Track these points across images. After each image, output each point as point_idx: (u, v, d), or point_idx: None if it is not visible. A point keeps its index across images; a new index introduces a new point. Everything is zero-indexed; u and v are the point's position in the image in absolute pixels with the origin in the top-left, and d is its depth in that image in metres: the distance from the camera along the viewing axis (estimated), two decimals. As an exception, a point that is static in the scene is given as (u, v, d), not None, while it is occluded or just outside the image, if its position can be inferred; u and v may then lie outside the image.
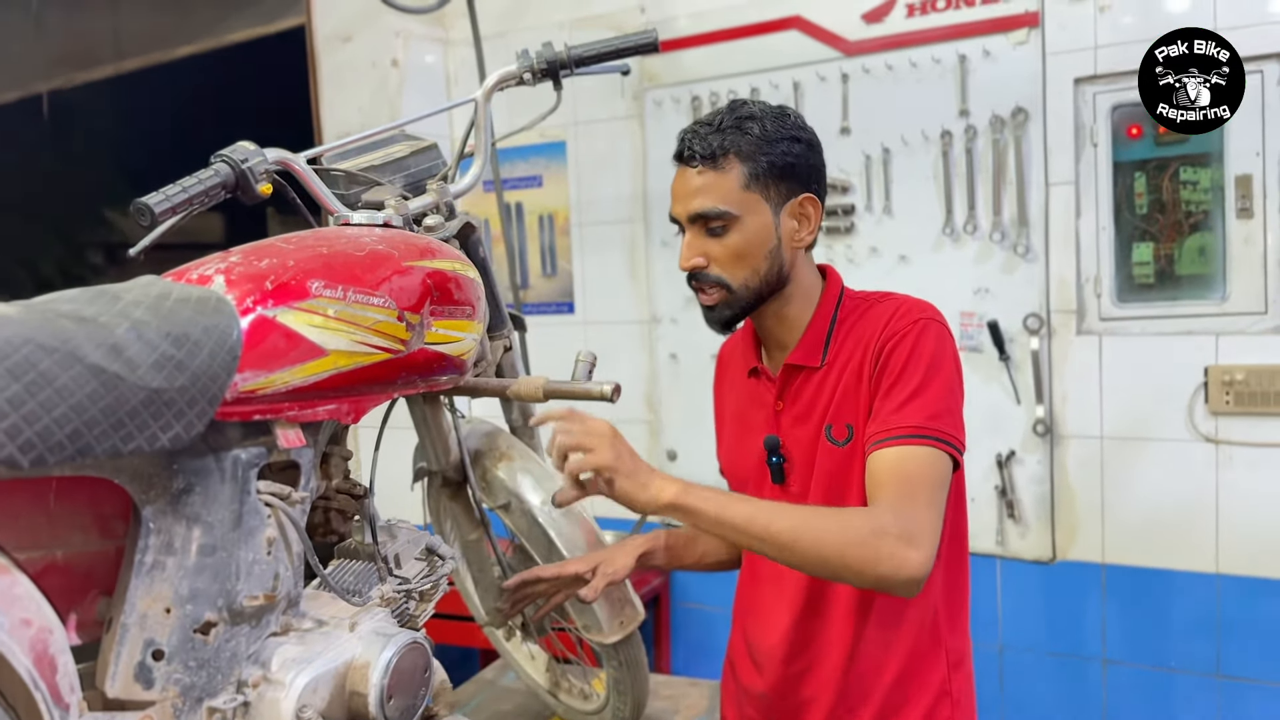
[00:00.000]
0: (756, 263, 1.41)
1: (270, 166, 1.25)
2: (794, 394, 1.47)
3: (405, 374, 1.19)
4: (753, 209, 1.40)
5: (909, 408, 1.32)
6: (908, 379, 1.34)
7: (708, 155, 1.39)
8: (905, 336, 1.36)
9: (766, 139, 1.39)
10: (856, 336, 1.42)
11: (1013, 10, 2.40)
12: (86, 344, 0.87)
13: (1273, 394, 2.20)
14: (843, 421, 1.40)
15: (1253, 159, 2.20)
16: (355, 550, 1.29)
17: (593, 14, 2.89)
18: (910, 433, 1.30)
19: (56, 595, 0.96)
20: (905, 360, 1.35)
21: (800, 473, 1.46)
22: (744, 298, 1.42)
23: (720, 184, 1.39)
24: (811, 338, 1.46)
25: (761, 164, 1.39)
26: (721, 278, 1.41)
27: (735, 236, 1.40)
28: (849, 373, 1.40)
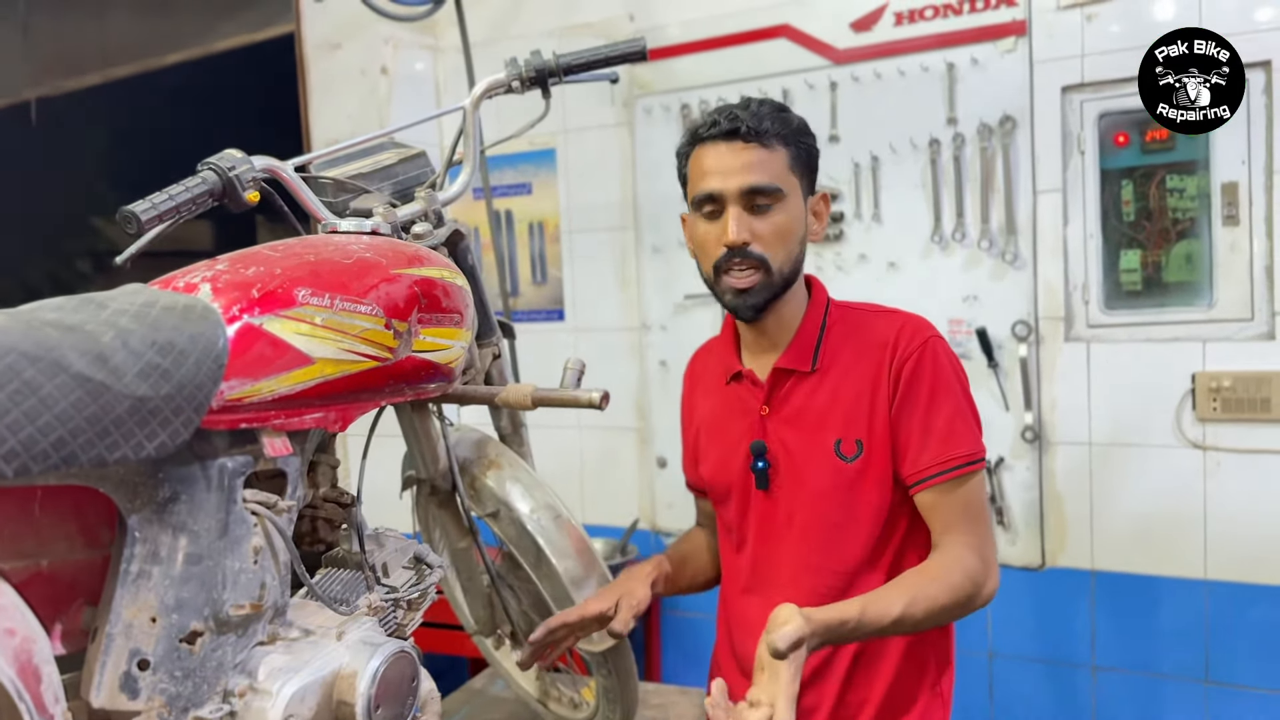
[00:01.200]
0: (792, 246, 1.43)
1: (258, 174, 1.25)
2: (782, 399, 1.47)
3: (393, 382, 1.19)
4: (794, 192, 1.44)
5: (954, 438, 1.39)
6: (940, 406, 1.40)
7: (761, 131, 1.40)
8: (922, 359, 1.40)
9: (803, 130, 1.45)
10: (854, 346, 1.44)
11: (1000, 19, 2.41)
12: (71, 352, 0.87)
13: (1260, 400, 2.21)
14: (853, 437, 1.42)
15: (1239, 167, 2.22)
16: (343, 559, 1.29)
17: (582, 22, 2.90)
18: (963, 462, 1.38)
19: (41, 605, 0.96)
20: (931, 386, 1.40)
21: (787, 479, 1.47)
22: (777, 282, 1.44)
23: (772, 161, 1.41)
24: (802, 342, 1.47)
25: (801, 151, 1.44)
26: (765, 256, 1.41)
27: (781, 215, 1.42)
28: (854, 385, 1.42)
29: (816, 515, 1.46)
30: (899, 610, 1.29)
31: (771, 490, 1.49)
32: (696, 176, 1.46)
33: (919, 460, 1.39)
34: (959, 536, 1.37)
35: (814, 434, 1.45)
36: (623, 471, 2.98)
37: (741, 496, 1.53)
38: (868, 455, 1.42)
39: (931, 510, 1.40)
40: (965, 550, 1.36)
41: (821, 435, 1.44)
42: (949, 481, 1.38)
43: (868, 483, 1.42)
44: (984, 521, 1.40)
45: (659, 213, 2.86)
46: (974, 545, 1.37)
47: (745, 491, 1.52)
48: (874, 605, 1.28)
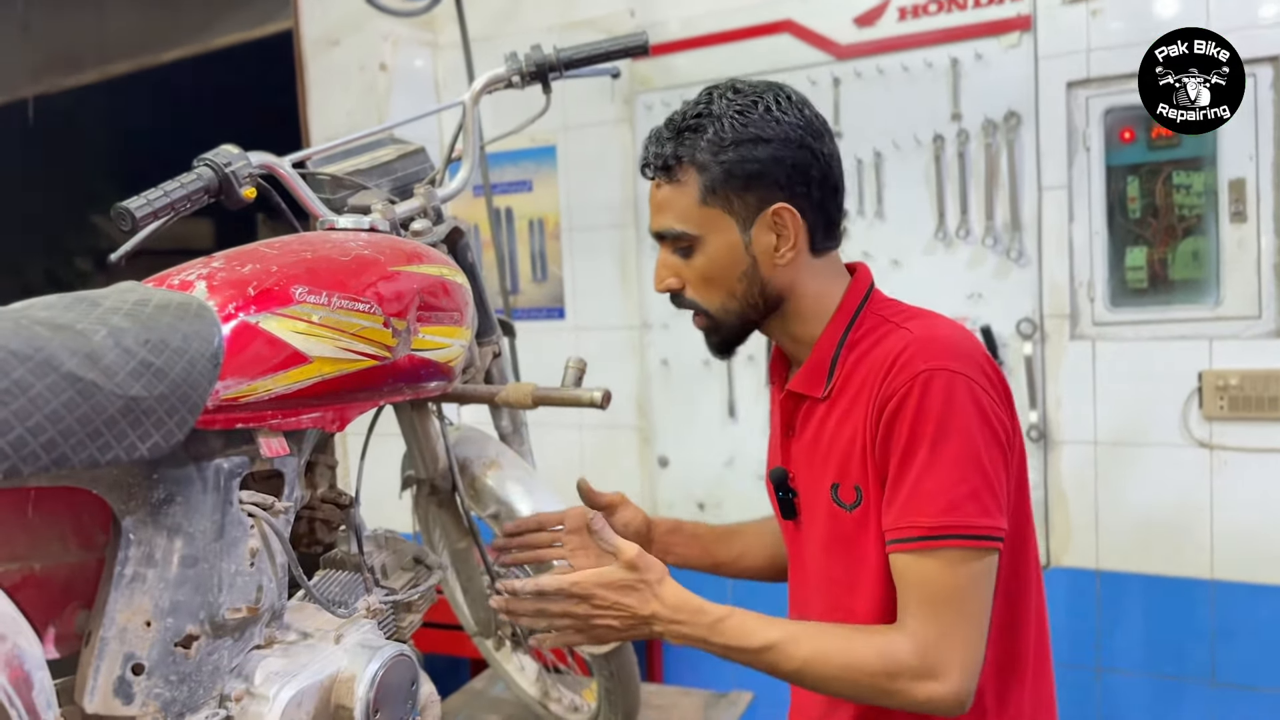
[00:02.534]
0: (730, 286, 1.22)
1: (254, 170, 1.23)
2: (800, 424, 1.27)
3: (392, 381, 1.17)
4: (715, 226, 1.20)
5: (919, 498, 1.10)
6: (913, 458, 1.11)
7: (661, 166, 1.21)
8: (907, 398, 1.11)
9: (721, 143, 1.18)
10: (864, 370, 1.18)
11: (1005, 14, 2.39)
12: (62, 351, 0.85)
13: (1267, 399, 2.19)
14: (850, 482, 1.19)
15: (1246, 163, 2.20)
16: (341, 561, 1.28)
17: (582, 17, 2.88)
18: (925, 534, 1.10)
19: (33, 608, 0.94)
20: (912, 431, 1.11)
21: (809, 515, 1.28)
22: (728, 323, 1.25)
23: (677, 199, 1.20)
24: (815, 362, 1.24)
25: (718, 174, 1.18)
26: (697, 302, 1.25)
27: (700, 259, 1.22)
28: (853, 422, 1.18)
29: (823, 566, 1.25)
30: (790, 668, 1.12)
31: (799, 524, 1.30)
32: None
33: (885, 519, 1.14)
34: (907, 621, 1.11)
35: (820, 472, 1.23)
36: (624, 471, 2.96)
37: (781, 520, 1.35)
38: (867, 504, 1.17)
39: (895, 581, 1.14)
40: (903, 641, 1.09)
41: (824, 475, 1.22)
42: (907, 554, 1.11)
43: (869, 537, 1.17)
44: (947, 616, 1.09)
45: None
46: (919, 636, 1.09)
47: (779, 516, 1.35)
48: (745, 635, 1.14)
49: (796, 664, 1.12)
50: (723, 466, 2.81)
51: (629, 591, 1.17)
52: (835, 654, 1.11)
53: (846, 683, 1.11)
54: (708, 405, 2.81)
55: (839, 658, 1.11)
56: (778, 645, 1.12)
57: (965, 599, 1.11)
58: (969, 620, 1.10)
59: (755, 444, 2.73)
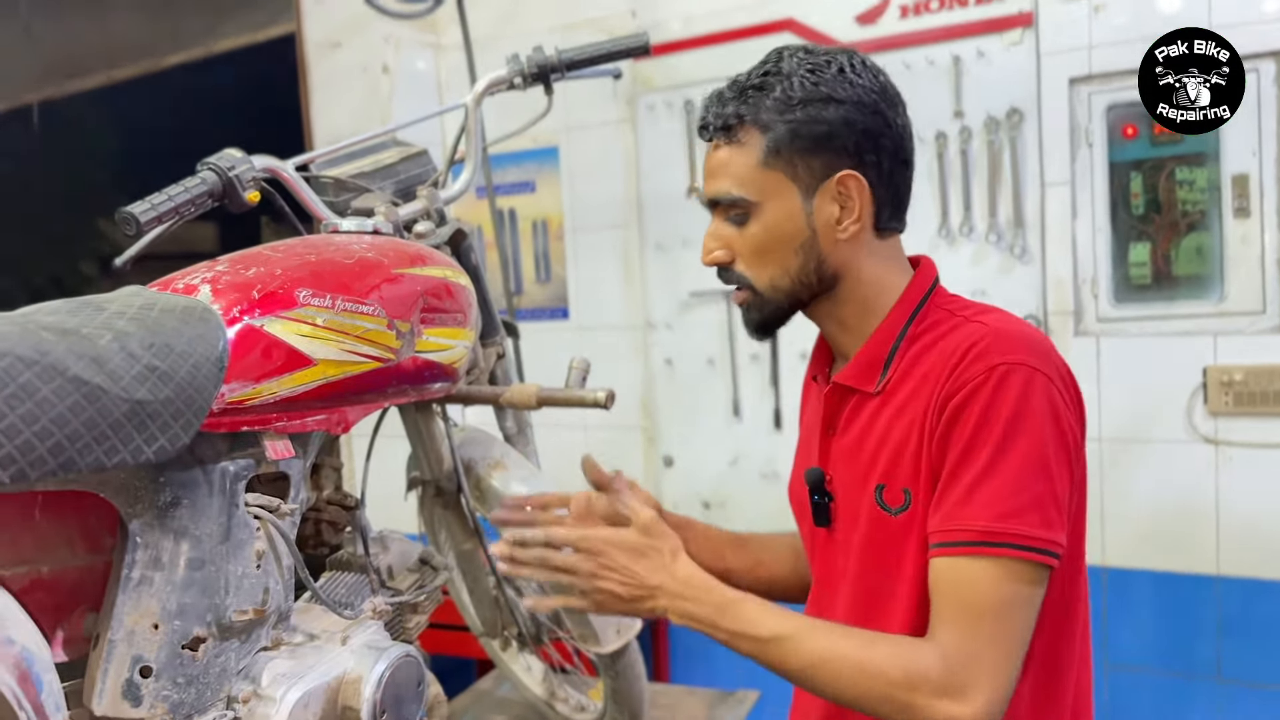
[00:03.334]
0: (784, 259, 1.13)
1: (258, 174, 1.24)
2: (845, 422, 1.17)
3: (396, 383, 1.18)
4: (775, 192, 1.11)
5: (975, 501, 1.01)
6: (975, 456, 1.02)
7: (722, 126, 1.12)
8: (978, 391, 1.02)
9: (790, 101, 1.09)
10: (925, 365, 1.10)
11: (1007, 11, 2.39)
12: (68, 356, 0.86)
13: (1272, 394, 2.18)
14: (899, 485, 1.09)
15: (1249, 158, 2.19)
16: (347, 562, 1.28)
17: (584, 18, 2.88)
18: (974, 539, 1.00)
19: (42, 612, 0.95)
20: (974, 428, 1.02)
21: (846, 521, 1.17)
22: (775, 300, 1.15)
23: (736, 162, 1.12)
24: (870, 354, 1.14)
25: (783, 133, 1.09)
26: (744, 276, 1.15)
27: (755, 227, 1.13)
28: (909, 419, 1.09)
29: (861, 573, 1.15)
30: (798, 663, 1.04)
31: (833, 530, 1.20)
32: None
33: (930, 521, 1.05)
34: (936, 631, 1.02)
35: (865, 473, 1.13)
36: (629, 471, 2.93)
37: (809, 527, 1.25)
38: (915, 509, 1.08)
39: (930, 588, 1.04)
40: (931, 651, 1.00)
41: (870, 476, 1.13)
42: (950, 559, 1.02)
43: (913, 544, 1.08)
44: (983, 630, 1.00)
45: (663, 209, 2.84)
46: (947, 648, 1.00)
47: (808, 523, 1.24)
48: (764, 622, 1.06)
49: (806, 660, 1.04)
50: (727, 466, 2.81)
51: (639, 557, 1.11)
52: (850, 655, 1.02)
53: (859, 689, 1.01)
54: (712, 404, 2.81)
55: (854, 660, 1.02)
56: (789, 637, 1.04)
57: (1008, 615, 1.01)
58: (1008, 639, 1.01)
59: (760, 443, 2.74)
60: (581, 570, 1.12)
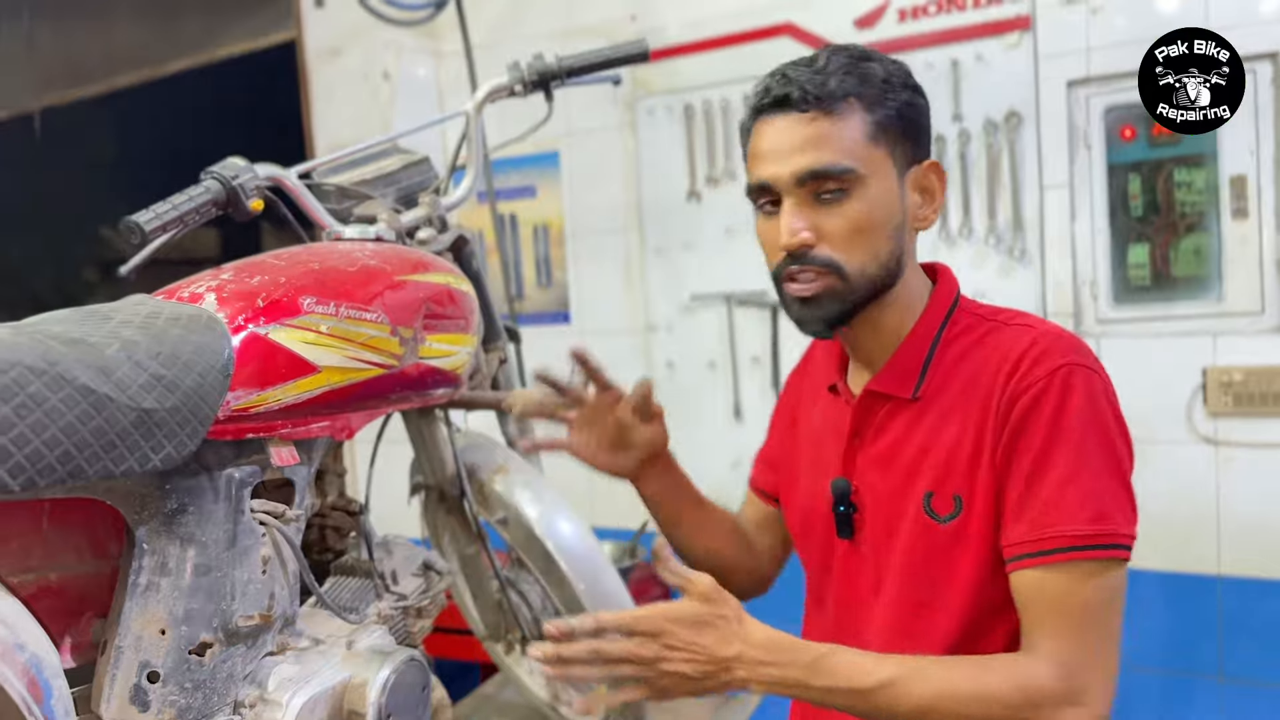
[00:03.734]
0: (878, 242, 1.08)
1: (261, 183, 1.25)
2: (875, 430, 1.15)
3: (399, 389, 1.19)
4: (878, 169, 1.07)
5: (1065, 505, 1.00)
6: (1056, 460, 1.01)
7: (823, 96, 1.05)
8: (1045, 394, 1.02)
9: (891, 84, 1.08)
10: (970, 370, 1.09)
11: (1004, 14, 2.40)
12: (76, 365, 0.87)
13: (1272, 394, 2.19)
14: (949, 492, 1.07)
15: (1247, 159, 2.20)
16: (351, 567, 1.29)
17: (584, 24, 2.89)
18: (1071, 544, 1.00)
19: (50, 618, 0.96)
20: (1048, 431, 1.02)
21: (875, 530, 1.15)
22: (858, 289, 1.09)
23: (839, 133, 1.05)
24: (905, 359, 1.13)
25: (890, 112, 1.07)
26: (834, 259, 1.07)
27: (857, 204, 1.06)
28: (958, 425, 1.08)
29: (903, 585, 1.12)
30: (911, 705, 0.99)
31: (857, 542, 1.17)
32: (751, 162, 1.13)
33: (1013, 532, 1.03)
34: (1042, 642, 1.01)
35: (905, 481, 1.11)
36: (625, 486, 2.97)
37: (824, 540, 1.21)
38: (967, 516, 1.06)
39: (1020, 599, 1.04)
40: (1041, 664, 1.00)
41: (913, 484, 1.10)
42: (1045, 569, 1.01)
43: (964, 552, 1.07)
44: (1091, 634, 1.01)
45: (664, 213, 2.85)
46: (1058, 657, 0.99)
47: (828, 535, 1.21)
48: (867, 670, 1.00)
49: (920, 702, 0.98)
50: (729, 468, 2.82)
51: (705, 628, 1.00)
52: (965, 687, 0.98)
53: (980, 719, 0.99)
54: (713, 407, 2.82)
55: (970, 692, 0.98)
56: (896, 681, 0.99)
57: (1108, 615, 1.02)
58: (1111, 638, 1.02)
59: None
60: (643, 657, 0.99)
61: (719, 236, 2.73)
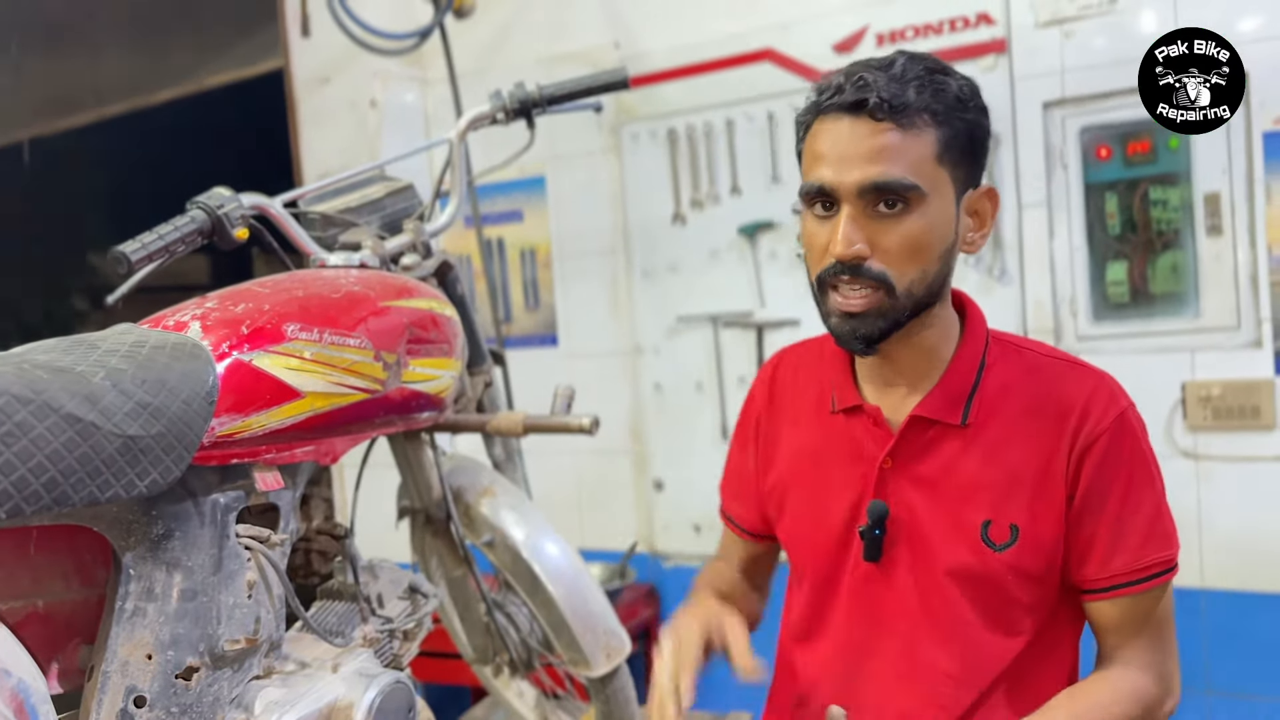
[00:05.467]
0: (928, 262, 1.07)
1: (246, 211, 1.27)
2: (916, 453, 1.14)
3: (384, 413, 1.20)
4: (940, 189, 1.06)
5: (1154, 540, 1.11)
6: (1140, 500, 1.11)
7: (899, 108, 1.02)
8: (1120, 440, 1.09)
9: (964, 103, 1.06)
10: (1023, 401, 1.12)
11: (980, 38, 2.44)
12: (62, 394, 0.88)
13: (1249, 408, 2.22)
14: (1007, 520, 1.10)
15: (1220, 177, 2.24)
16: (337, 591, 1.30)
17: (568, 51, 2.93)
18: (1162, 569, 1.11)
19: (37, 644, 0.97)
20: (1129, 477, 1.10)
21: (910, 553, 1.15)
22: (904, 307, 1.07)
23: (910, 149, 1.03)
24: (952, 385, 1.13)
25: (960, 132, 1.06)
26: (885, 274, 1.05)
27: (916, 221, 1.04)
28: (1019, 456, 1.11)
29: (950, 609, 1.13)
30: None
31: (884, 566, 1.16)
32: (810, 160, 1.09)
33: (1108, 565, 1.10)
34: (1136, 654, 1.13)
35: (957, 508, 1.12)
36: (619, 495, 2.98)
37: (834, 561, 1.20)
38: (1022, 545, 1.10)
39: (1110, 621, 1.14)
40: (1140, 672, 1.12)
41: (967, 511, 1.12)
42: (1141, 594, 1.11)
43: (1021, 578, 1.11)
44: (1168, 635, 1.15)
45: (649, 236, 2.88)
46: (1153, 664, 1.13)
47: (841, 557, 1.19)
48: None
49: None
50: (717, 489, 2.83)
51: None
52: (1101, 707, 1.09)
53: None
54: (701, 428, 2.84)
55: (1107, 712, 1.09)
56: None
57: (1173, 618, 1.17)
58: (1175, 635, 1.17)
59: (749, 465, 2.75)
60: None
61: (704, 259, 2.76)
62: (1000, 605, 1.12)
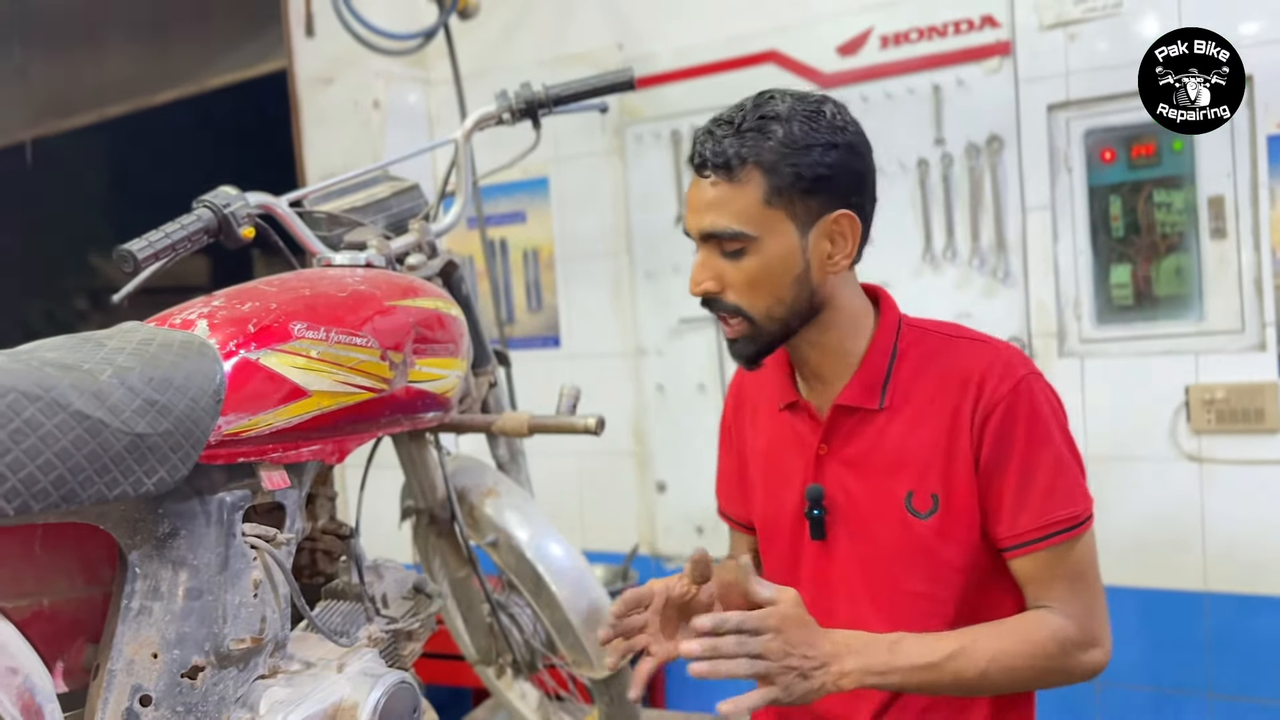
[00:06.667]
0: (780, 291, 1.20)
1: (252, 210, 1.27)
2: (844, 439, 1.27)
3: (389, 413, 1.20)
4: (775, 229, 1.18)
5: (1056, 497, 1.19)
6: (1039, 460, 1.19)
7: (722, 164, 1.17)
8: (1015, 408, 1.19)
9: (794, 145, 1.16)
10: (932, 379, 1.24)
11: (984, 40, 2.44)
12: (70, 391, 0.88)
13: (1253, 411, 2.22)
14: (928, 490, 1.22)
15: (1224, 180, 2.24)
16: (342, 591, 1.30)
17: (572, 52, 2.93)
18: (1067, 525, 1.19)
19: (43, 643, 0.96)
20: (1027, 441, 1.19)
21: (847, 530, 1.27)
22: (770, 330, 1.22)
23: (737, 199, 1.17)
24: (867, 375, 1.25)
25: (786, 176, 1.16)
26: (739, 306, 1.21)
27: (753, 260, 1.19)
28: (931, 427, 1.22)
29: (887, 577, 1.25)
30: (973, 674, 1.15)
31: (829, 542, 1.29)
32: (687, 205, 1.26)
33: (1015, 524, 1.20)
34: (1057, 606, 1.20)
35: (882, 482, 1.24)
36: (622, 497, 2.98)
37: (793, 543, 1.33)
38: (945, 511, 1.21)
39: (1028, 576, 1.22)
40: (1060, 619, 1.19)
41: (890, 484, 1.24)
42: (1052, 548, 1.19)
43: (947, 542, 1.22)
44: (1090, 587, 1.22)
45: (652, 238, 2.88)
46: (1074, 615, 1.20)
47: (797, 538, 1.32)
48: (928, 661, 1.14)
49: (982, 666, 1.15)
50: (719, 490, 2.83)
51: (807, 628, 1.11)
52: (1013, 646, 1.17)
53: (1033, 670, 1.18)
54: (704, 430, 2.83)
55: (1020, 648, 1.17)
56: (960, 651, 1.15)
57: (1096, 570, 1.24)
58: (1101, 587, 1.24)
59: (751, 467, 2.75)
60: (774, 651, 1.08)
61: (707, 260, 2.76)
62: (931, 567, 1.23)
